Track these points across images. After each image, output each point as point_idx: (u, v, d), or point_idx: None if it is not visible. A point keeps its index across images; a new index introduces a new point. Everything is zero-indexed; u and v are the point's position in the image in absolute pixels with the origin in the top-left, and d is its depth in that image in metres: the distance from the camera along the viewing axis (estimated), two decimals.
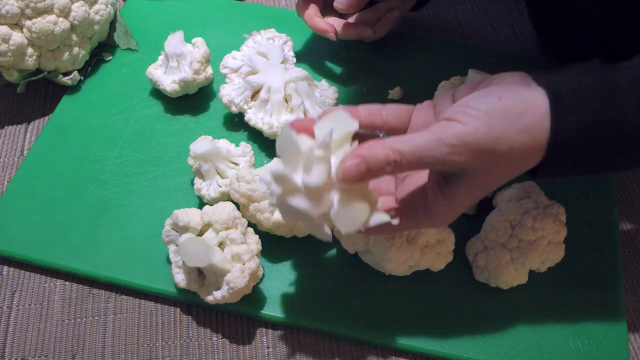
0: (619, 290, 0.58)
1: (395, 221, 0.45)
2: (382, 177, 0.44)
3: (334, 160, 0.43)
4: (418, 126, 0.49)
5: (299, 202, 0.43)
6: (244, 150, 0.63)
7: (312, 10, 0.70)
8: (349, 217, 0.43)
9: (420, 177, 0.50)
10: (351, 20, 0.71)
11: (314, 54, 0.77)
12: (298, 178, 0.43)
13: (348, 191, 0.44)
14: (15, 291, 0.59)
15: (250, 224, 0.58)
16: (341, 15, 0.71)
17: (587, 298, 0.58)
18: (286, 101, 0.65)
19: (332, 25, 0.69)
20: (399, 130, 0.49)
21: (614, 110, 0.43)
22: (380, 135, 0.51)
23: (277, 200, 0.45)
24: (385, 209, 0.48)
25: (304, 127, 0.46)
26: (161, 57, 0.72)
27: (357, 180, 0.42)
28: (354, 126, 0.44)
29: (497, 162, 0.43)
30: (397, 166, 0.42)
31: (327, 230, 0.45)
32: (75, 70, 0.73)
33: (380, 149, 0.42)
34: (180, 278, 0.56)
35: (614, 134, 0.43)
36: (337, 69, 0.75)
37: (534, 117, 0.42)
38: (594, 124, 0.43)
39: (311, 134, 0.45)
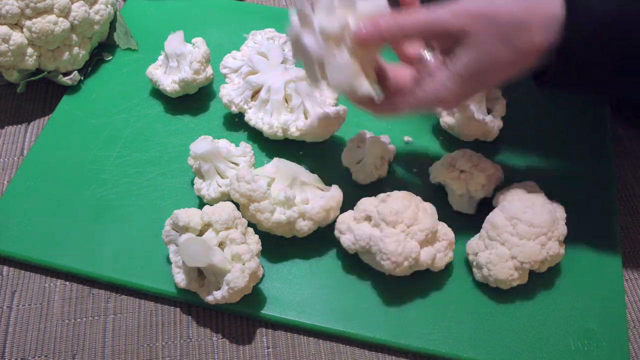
0: (619, 290, 0.58)
1: (377, 98, 0.52)
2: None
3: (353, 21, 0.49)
4: None
5: (309, 40, 0.50)
6: (244, 150, 0.63)
7: None
8: (341, 73, 0.49)
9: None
10: None
11: None
12: (317, 21, 0.49)
13: (356, 55, 0.49)
14: (15, 291, 0.59)
15: (250, 224, 0.58)
16: None
17: (587, 298, 0.57)
18: (286, 101, 0.65)
19: None
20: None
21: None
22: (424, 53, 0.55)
23: (294, 34, 0.51)
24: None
25: None
26: (161, 57, 0.72)
27: (367, 43, 0.49)
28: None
29: (496, 31, 0.47)
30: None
31: (318, 75, 0.52)
32: (75, 70, 0.73)
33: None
34: (180, 278, 0.56)
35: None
36: None
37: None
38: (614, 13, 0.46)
39: None
